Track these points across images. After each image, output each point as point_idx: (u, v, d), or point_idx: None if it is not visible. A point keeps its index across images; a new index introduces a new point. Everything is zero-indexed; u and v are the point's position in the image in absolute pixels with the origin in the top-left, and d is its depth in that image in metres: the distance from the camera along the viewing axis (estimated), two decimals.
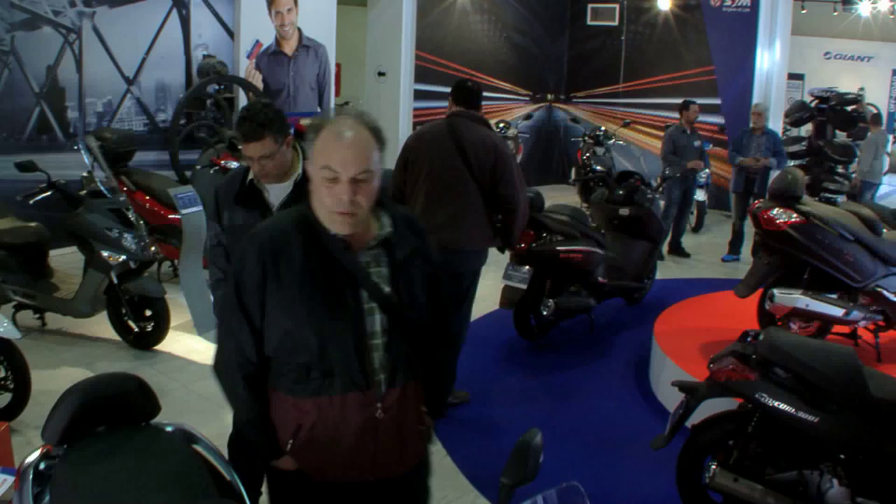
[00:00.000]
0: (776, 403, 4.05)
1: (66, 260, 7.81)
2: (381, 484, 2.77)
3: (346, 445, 2.69)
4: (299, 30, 11.87)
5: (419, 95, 13.88)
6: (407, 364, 2.75)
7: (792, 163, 10.51)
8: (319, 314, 2.64)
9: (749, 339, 4.43)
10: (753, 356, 4.25)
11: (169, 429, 2.93)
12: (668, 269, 10.21)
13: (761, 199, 7.39)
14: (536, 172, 15.11)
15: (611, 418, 6.01)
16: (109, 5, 9.98)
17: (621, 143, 11.86)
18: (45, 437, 2.72)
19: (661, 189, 9.77)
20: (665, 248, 10.71)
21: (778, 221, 6.02)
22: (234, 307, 2.65)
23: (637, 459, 5.29)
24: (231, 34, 11.31)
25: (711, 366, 4.38)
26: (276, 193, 3.86)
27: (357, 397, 2.66)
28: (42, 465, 2.65)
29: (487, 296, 7.58)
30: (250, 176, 3.87)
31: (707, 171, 11.84)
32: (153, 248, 7.00)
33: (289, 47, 11.84)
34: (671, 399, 5.41)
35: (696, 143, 10.62)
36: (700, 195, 11.91)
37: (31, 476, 2.60)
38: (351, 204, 2.55)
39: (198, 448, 2.87)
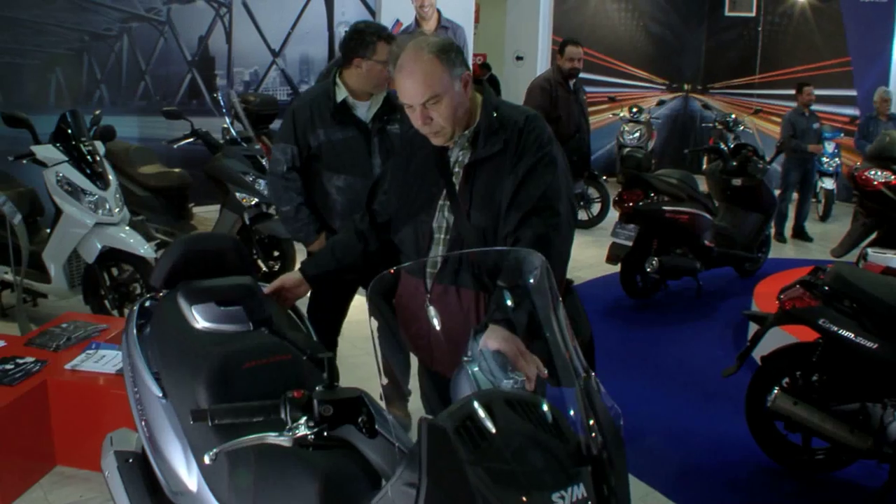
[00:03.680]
0: (837, 329, 4.19)
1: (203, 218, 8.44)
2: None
3: (411, 322, 2.93)
4: (438, 11, 12.27)
5: None
6: (460, 267, 2.81)
7: None
8: (406, 200, 3.00)
9: (820, 273, 4.60)
10: (823, 287, 4.41)
11: (263, 288, 3.36)
12: (788, 251, 10.24)
13: None
14: (671, 163, 15.13)
15: (702, 368, 6.16)
16: None
17: (749, 130, 11.90)
18: (151, 280, 3.18)
19: (772, 161, 9.77)
20: (788, 232, 10.74)
21: (874, 182, 6.10)
22: None
23: (720, 403, 5.47)
24: (372, 13, 11.80)
25: (781, 296, 4.57)
26: (363, 111, 4.21)
27: (414, 281, 2.91)
28: (147, 304, 3.13)
29: (596, 263, 7.95)
30: (342, 96, 4.16)
31: (837, 160, 11.75)
32: None
33: (428, 27, 12.18)
34: None
35: (815, 126, 10.51)
36: (828, 184, 11.81)
37: (136, 309, 3.07)
38: (427, 126, 2.79)
39: None
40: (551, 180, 2.79)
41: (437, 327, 2.80)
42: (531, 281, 2.24)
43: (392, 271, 2.36)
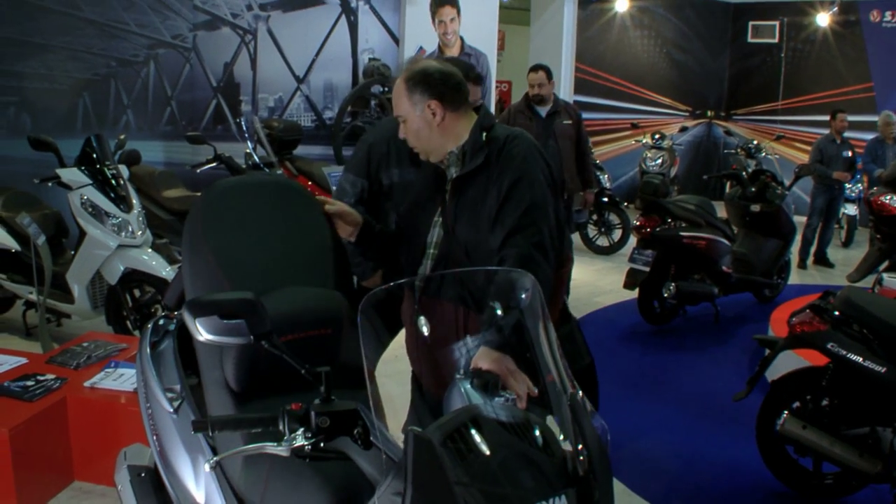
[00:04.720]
0: (846, 353, 4.21)
1: None
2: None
3: (408, 337, 3.07)
4: (461, 38, 12.36)
5: (578, 106, 14.21)
6: (443, 281, 2.91)
7: None
8: (409, 216, 3.18)
9: (830, 298, 4.63)
10: (833, 311, 4.43)
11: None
12: (809, 277, 10.24)
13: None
14: (694, 189, 15.13)
15: (718, 393, 6.15)
16: (283, 10, 10.79)
17: (771, 157, 11.89)
18: (165, 300, 3.27)
19: (791, 187, 9.75)
20: (810, 258, 10.71)
21: (890, 207, 6.12)
22: None
23: (733, 428, 5.46)
24: (396, 40, 11.94)
25: (792, 320, 4.60)
26: None
27: (406, 296, 3.02)
28: (161, 322, 3.20)
29: (616, 289, 8.01)
30: None
31: (860, 186, 11.70)
32: None
33: (451, 54, 12.34)
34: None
35: (847, 154, 10.39)
36: (851, 209, 11.77)
37: (150, 327, 3.14)
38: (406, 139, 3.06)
39: None
40: (532, 198, 2.88)
41: (423, 343, 2.91)
42: (522, 300, 2.31)
43: (387, 286, 2.44)
